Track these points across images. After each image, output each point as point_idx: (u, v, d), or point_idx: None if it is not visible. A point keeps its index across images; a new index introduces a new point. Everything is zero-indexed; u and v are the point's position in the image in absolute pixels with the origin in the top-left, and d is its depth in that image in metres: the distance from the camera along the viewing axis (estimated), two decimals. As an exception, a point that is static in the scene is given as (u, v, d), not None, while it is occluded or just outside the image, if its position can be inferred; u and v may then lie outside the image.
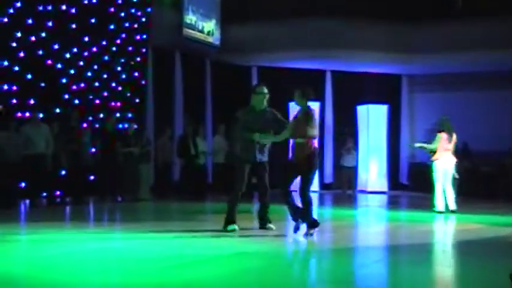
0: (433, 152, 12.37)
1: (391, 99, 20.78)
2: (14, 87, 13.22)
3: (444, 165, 12.19)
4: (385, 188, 19.72)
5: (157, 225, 9.49)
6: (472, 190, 16.27)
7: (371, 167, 19.79)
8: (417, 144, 13.16)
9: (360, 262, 6.83)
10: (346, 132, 19.78)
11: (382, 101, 20.26)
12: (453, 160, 12.26)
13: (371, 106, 19.95)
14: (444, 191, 12.04)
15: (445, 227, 10.11)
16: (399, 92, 21.38)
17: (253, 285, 5.37)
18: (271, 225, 8.70)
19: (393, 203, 16.34)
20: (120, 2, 16.10)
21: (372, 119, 19.94)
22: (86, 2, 15.00)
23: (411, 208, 14.60)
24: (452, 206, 11.92)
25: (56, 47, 14.21)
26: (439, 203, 12.00)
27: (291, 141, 8.33)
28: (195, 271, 5.82)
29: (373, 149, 19.84)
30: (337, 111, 20.66)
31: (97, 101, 15.36)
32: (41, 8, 13.86)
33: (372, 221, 11.43)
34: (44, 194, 12.90)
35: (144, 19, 16.73)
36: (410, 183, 20.64)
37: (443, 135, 12.20)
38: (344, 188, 18.73)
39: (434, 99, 20.83)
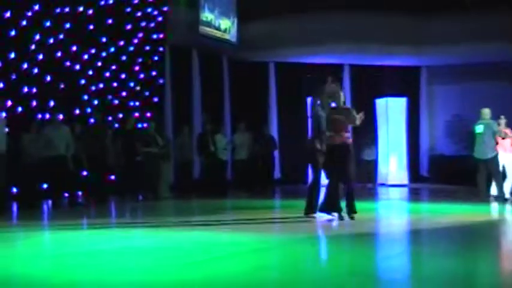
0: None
1: (410, 91, 20.66)
2: (34, 90, 13.35)
3: None
4: (405, 181, 19.61)
5: (178, 223, 9.53)
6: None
7: (391, 160, 19.70)
8: None
9: (383, 254, 6.81)
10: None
11: (401, 94, 20.14)
12: None
13: (390, 99, 19.84)
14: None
15: (469, 219, 10.02)
16: (418, 84, 21.25)
17: (273, 281, 5.38)
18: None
19: (414, 196, 16.26)
20: (136, 1, 16.18)
21: (391, 112, 19.82)
22: (102, 2, 15.10)
23: (433, 200, 14.51)
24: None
25: (74, 48, 14.32)
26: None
27: None
28: (214, 268, 5.84)
29: (392, 142, 19.74)
30: (355, 105, 20.53)
31: (116, 101, 15.46)
32: (58, 10, 13.97)
33: (394, 214, 11.38)
34: (66, 194, 13.01)
35: (160, 18, 16.80)
36: (430, 176, 20.54)
37: None
38: (364, 181, 18.66)
39: (453, 90, 20.69)
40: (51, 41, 13.78)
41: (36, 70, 13.42)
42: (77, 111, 14.29)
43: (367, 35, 18.72)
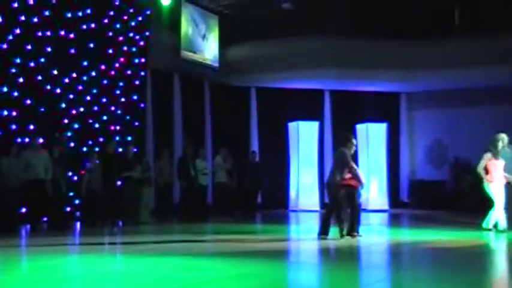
0: None
1: (390, 117, 20.81)
2: (14, 113, 13.26)
3: None
4: (386, 206, 19.66)
5: (158, 248, 9.47)
6: (477, 205, 16.43)
7: (371, 185, 19.75)
8: None
9: (363, 281, 6.80)
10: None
11: (381, 119, 20.28)
12: None
13: (370, 124, 19.96)
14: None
15: (448, 244, 10.06)
16: (398, 109, 21.43)
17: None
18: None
19: (395, 221, 16.28)
20: (118, 26, 16.19)
21: (372, 138, 19.94)
22: (84, 27, 15.09)
23: (413, 226, 14.56)
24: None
25: (55, 72, 14.27)
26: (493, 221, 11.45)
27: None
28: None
29: (373, 167, 19.82)
30: (336, 130, 20.66)
31: (96, 125, 15.39)
32: (40, 33, 13.94)
33: (374, 240, 11.38)
34: (44, 219, 12.87)
35: (142, 43, 16.82)
36: (411, 201, 20.62)
37: None
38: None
39: (433, 116, 20.90)
40: (32, 64, 13.72)
41: (16, 93, 13.34)
42: (57, 135, 14.17)
43: (347, 61, 18.88)
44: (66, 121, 14.54)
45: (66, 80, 14.59)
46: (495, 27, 18.04)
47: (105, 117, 15.64)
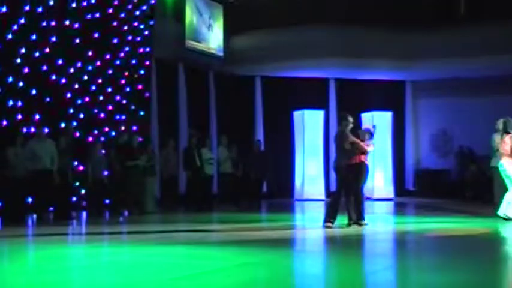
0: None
1: (395, 106, 20.78)
2: (19, 103, 13.28)
3: None
4: (391, 195, 19.67)
5: (164, 237, 9.49)
6: (480, 195, 16.48)
7: (377, 174, 19.74)
8: None
9: (369, 269, 6.81)
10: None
11: (387, 108, 20.24)
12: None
13: (375, 113, 19.92)
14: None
15: (453, 232, 10.06)
16: (403, 98, 21.39)
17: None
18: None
19: (400, 210, 16.29)
20: (123, 15, 16.18)
21: (377, 126, 19.85)
22: (89, 16, 15.09)
23: (418, 214, 14.56)
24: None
25: (60, 62, 14.28)
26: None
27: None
28: (201, 282, 5.81)
29: (378, 156, 19.77)
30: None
31: (102, 115, 15.41)
32: (44, 23, 13.94)
33: (380, 228, 11.40)
34: (51, 208, 12.92)
35: (147, 32, 16.80)
36: (416, 189, 20.63)
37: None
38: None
39: (438, 104, 20.86)
40: (37, 54, 13.73)
41: (21, 83, 13.35)
42: (63, 125, 14.21)
43: (352, 49, 18.84)
44: (71, 111, 14.56)
45: (71, 70, 14.60)
46: (500, 16, 17.96)
47: (110, 107, 15.67)
